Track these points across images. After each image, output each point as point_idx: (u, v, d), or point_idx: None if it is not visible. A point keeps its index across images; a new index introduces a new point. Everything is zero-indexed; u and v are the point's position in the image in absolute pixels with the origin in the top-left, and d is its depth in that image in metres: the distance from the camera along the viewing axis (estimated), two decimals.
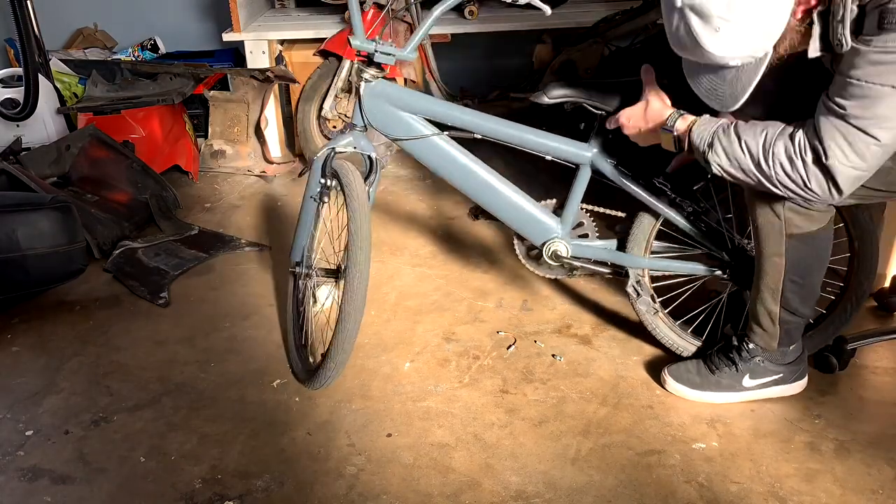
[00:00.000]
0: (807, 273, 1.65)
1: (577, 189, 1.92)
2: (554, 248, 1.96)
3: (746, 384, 1.81)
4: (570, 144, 1.88)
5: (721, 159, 1.50)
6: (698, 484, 1.63)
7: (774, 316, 1.71)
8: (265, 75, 3.19)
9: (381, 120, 1.90)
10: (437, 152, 1.92)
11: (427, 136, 1.90)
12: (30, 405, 1.92)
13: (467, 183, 1.95)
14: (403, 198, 3.06)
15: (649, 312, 1.97)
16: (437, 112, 1.91)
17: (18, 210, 2.27)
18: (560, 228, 1.96)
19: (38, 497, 1.64)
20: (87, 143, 2.87)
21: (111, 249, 2.61)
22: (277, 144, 3.46)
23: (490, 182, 1.94)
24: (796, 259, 1.62)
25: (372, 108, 1.88)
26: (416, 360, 2.07)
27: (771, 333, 1.75)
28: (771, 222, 1.58)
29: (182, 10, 3.96)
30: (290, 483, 1.67)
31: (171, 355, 2.11)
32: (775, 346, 1.76)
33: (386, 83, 1.89)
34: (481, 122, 1.89)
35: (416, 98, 1.91)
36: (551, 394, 1.92)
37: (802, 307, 1.71)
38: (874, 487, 1.61)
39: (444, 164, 1.94)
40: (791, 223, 1.56)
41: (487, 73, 3.79)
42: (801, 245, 1.59)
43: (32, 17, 3.17)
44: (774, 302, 1.69)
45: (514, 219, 1.97)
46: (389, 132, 1.92)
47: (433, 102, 1.94)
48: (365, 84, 1.87)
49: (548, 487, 1.63)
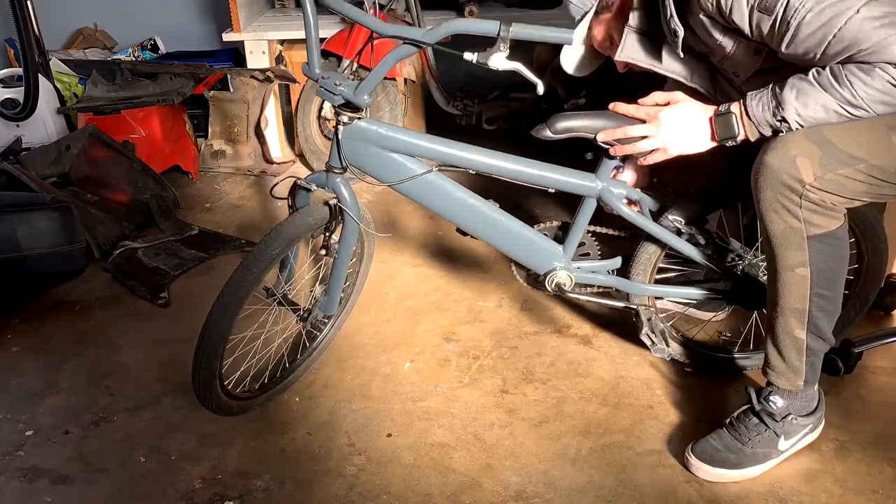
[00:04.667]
0: (832, 281, 1.53)
1: (581, 219, 1.81)
2: (557, 280, 1.85)
3: (783, 447, 1.65)
4: (576, 177, 1.76)
5: (796, 114, 1.43)
6: (698, 484, 1.63)
7: (801, 345, 1.57)
8: (265, 75, 3.19)
9: (364, 163, 1.71)
10: (429, 190, 1.76)
11: (418, 176, 1.71)
12: (30, 405, 1.92)
13: (462, 217, 1.81)
14: (403, 198, 3.04)
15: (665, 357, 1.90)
16: (427, 150, 1.72)
17: (18, 210, 2.27)
18: (562, 256, 1.85)
19: (38, 497, 1.64)
20: (87, 143, 2.87)
21: (111, 249, 2.61)
22: (277, 144, 3.45)
23: (487, 214, 1.81)
24: (821, 265, 1.50)
25: (352, 151, 1.68)
26: (416, 360, 2.07)
27: (796, 369, 1.60)
28: (791, 226, 1.47)
29: (182, 10, 3.96)
30: (290, 483, 1.67)
31: (171, 355, 2.11)
32: (801, 385, 1.62)
33: (367, 123, 1.67)
34: (477, 158, 1.73)
35: (403, 136, 1.70)
36: (551, 394, 1.92)
37: (828, 328, 1.58)
38: (874, 487, 1.61)
39: (436, 201, 1.78)
40: (812, 223, 1.46)
41: (487, 72, 3.77)
42: (824, 247, 1.49)
43: (32, 17, 3.17)
44: (801, 327, 1.56)
45: (515, 250, 1.86)
46: (376, 175, 1.73)
47: (422, 139, 1.72)
48: (343, 127, 1.65)
49: (548, 487, 1.63)
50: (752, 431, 1.64)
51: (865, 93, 1.36)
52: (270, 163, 3.42)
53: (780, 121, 1.45)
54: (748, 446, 1.63)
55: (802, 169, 1.42)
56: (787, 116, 1.44)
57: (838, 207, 1.47)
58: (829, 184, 1.43)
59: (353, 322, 2.21)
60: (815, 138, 1.43)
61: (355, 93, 1.61)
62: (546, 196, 2.51)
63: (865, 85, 1.36)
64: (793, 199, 1.45)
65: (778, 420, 1.63)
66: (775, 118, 1.45)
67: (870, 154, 1.42)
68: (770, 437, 1.63)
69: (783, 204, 1.46)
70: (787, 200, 1.45)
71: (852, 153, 1.42)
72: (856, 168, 1.42)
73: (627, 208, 1.77)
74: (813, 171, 1.42)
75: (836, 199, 1.45)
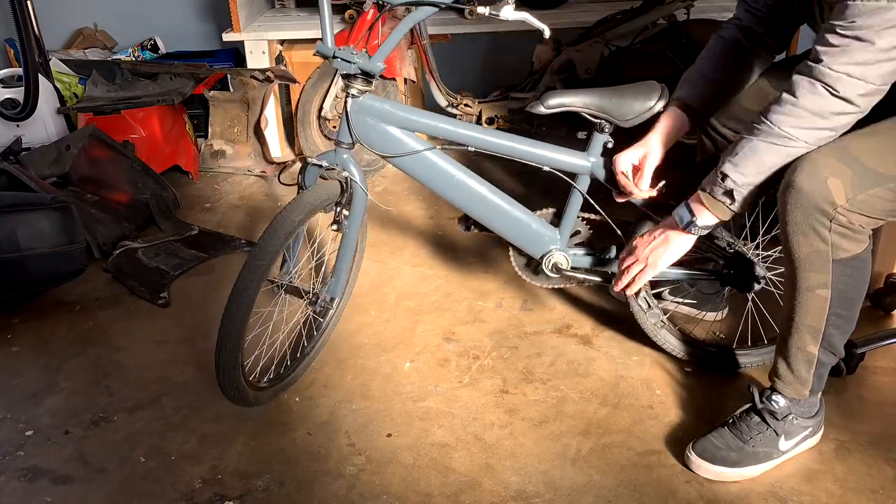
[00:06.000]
0: (852, 302, 1.53)
1: (575, 199, 1.88)
2: (554, 260, 1.92)
3: (783, 447, 1.65)
4: (568, 154, 1.83)
5: (729, 160, 1.49)
6: (698, 484, 1.63)
7: (812, 359, 1.57)
8: (265, 75, 3.19)
9: (369, 136, 1.80)
10: (429, 167, 1.85)
11: (419, 152, 1.82)
12: (30, 405, 1.92)
13: (462, 197, 1.89)
14: (403, 198, 3.06)
15: (657, 326, 1.93)
16: (428, 126, 1.83)
17: (18, 210, 2.27)
18: (558, 239, 1.92)
19: (38, 497, 1.64)
20: (87, 143, 2.87)
21: (111, 249, 2.61)
22: (277, 144, 3.45)
23: (485, 195, 1.88)
24: (843, 286, 1.49)
25: (360, 125, 1.78)
26: (416, 360, 2.07)
27: (803, 380, 1.60)
28: (818, 250, 1.45)
29: (182, 10, 3.95)
30: (290, 483, 1.67)
31: (171, 355, 2.11)
32: (807, 395, 1.63)
33: (374, 98, 1.79)
34: (474, 134, 1.83)
35: (407, 112, 1.82)
36: (551, 394, 1.92)
37: (841, 343, 1.58)
38: (874, 487, 1.61)
39: (436, 179, 1.87)
40: (839, 248, 1.44)
41: (487, 73, 3.79)
42: (848, 270, 1.47)
43: (32, 17, 3.17)
44: (815, 343, 1.55)
45: (512, 232, 1.92)
46: (379, 149, 1.82)
47: (424, 116, 1.84)
48: (352, 100, 1.76)
49: (548, 487, 1.63)
50: (753, 430, 1.64)
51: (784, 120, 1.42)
52: (270, 163, 3.42)
53: (722, 179, 1.51)
54: (749, 445, 1.63)
55: (834, 191, 1.40)
56: (724, 170, 1.50)
57: (865, 230, 1.46)
58: (860, 205, 1.41)
59: (352, 322, 2.21)
60: (843, 157, 1.41)
61: (370, 61, 1.71)
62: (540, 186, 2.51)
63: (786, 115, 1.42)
64: (823, 223, 1.43)
65: (779, 419, 1.63)
66: (721, 182, 1.51)
67: None
68: (771, 436, 1.63)
69: (813, 227, 1.43)
70: (818, 224, 1.43)
71: (881, 171, 1.41)
72: (886, 187, 1.41)
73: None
74: (845, 193, 1.40)
75: (865, 221, 1.44)
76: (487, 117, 3.25)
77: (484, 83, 3.54)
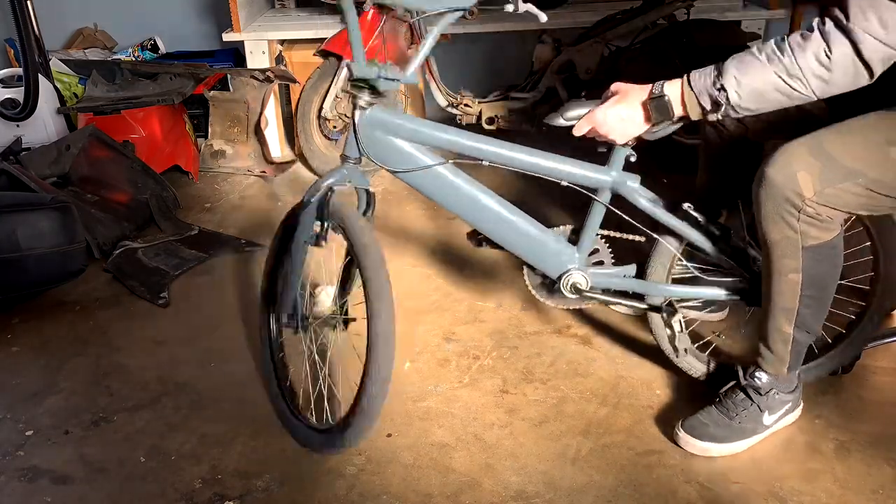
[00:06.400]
0: (823, 286, 1.59)
1: (595, 215, 1.76)
2: (573, 280, 1.78)
3: (767, 422, 1.72)
4: (587, 169, 1.71)
5: (735, 80, 1.42)
6: (698, 484, 1.63)
7: (787, 338, 1.64)
8: (265, 75, 3.19)
9: (378, 151, 1.70)
10: (441, 183, 1.73)
11: (430, 167, 1.71)
12: (30, 405, 1.92)
13: (475, 215, 1.77)
14: (404, 198, 3.06)
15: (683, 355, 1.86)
16: (441, 139, 1.71)
17: (18, 210, 2.27)
18: (577, 258, 1.79)
19: (38, 497, 1.64)
20: (87, 143, 2.87)
21: (111, 249, 2.61)
22: (277, 144, 3.46)
23: (500, 213, 1.77)
24: (813, 272, 1.55)
25: (368, 139, 1.68)
26: (417, 360, 2.07)
27: (781, 358, 1.67)
28: (788, 237, 1.52)
29: (182, 10, 3.96)
30: (290, 483, 1.67)
31: (171, 355, 2.11)
32: (785, 372, 1.69)
33: (383, 110, 1.69)
34: (490, 148, 1.71)
35: (418, 125, 1.70)
36: (551, 394, 1.92)
37: (815, 324, 1.65)
38: (874, 487, 1.61)
39: (449, 196, 1.76)
40: (808, 235, 1.51)
41: (487, 73, 3.79)
42: (817, 256, 1.54)
43: (32, 17, 3.17)
44: (789, 323, 1.62)
45: (528, 251, 1.80)
46: (388, 164, 1.72)
47: (437, 129, 1.72)
48: (359, 112, 1.66)
49: (548, 487, 1.63)
50: (738, 406, 1.72)
51: (804, 61, 1.36)
52: (270, 163, 3.42)
53: (719, 89, 1.44)
54: (735, 421, 1.71)
55: (803, 184, 1.45)
56: (725, 84, 1.44)
57: (834, 220, 1.51)
58: (827, 198, 1.46)
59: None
60: (816, 152, 1.45)
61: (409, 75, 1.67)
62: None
63: (804, 52, 1.35)
64: (792, 213, 1.49)
65: (762, 394, 1.70)
66: (714, 87, 1.45)
67: (869, 167, 1.44)
68: (755, 411, 1.71)
69: (782, 216, 1.50)
70: (787, 213, 1.49)
71: (851, 167, 1.44)
72: (855, 182, 1.45)
73: (644, 198, 1.72)
74: (813, 186, 1.45)
75: (833, 213, 1.49)
76: (487, 117, 3.25)
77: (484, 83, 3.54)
